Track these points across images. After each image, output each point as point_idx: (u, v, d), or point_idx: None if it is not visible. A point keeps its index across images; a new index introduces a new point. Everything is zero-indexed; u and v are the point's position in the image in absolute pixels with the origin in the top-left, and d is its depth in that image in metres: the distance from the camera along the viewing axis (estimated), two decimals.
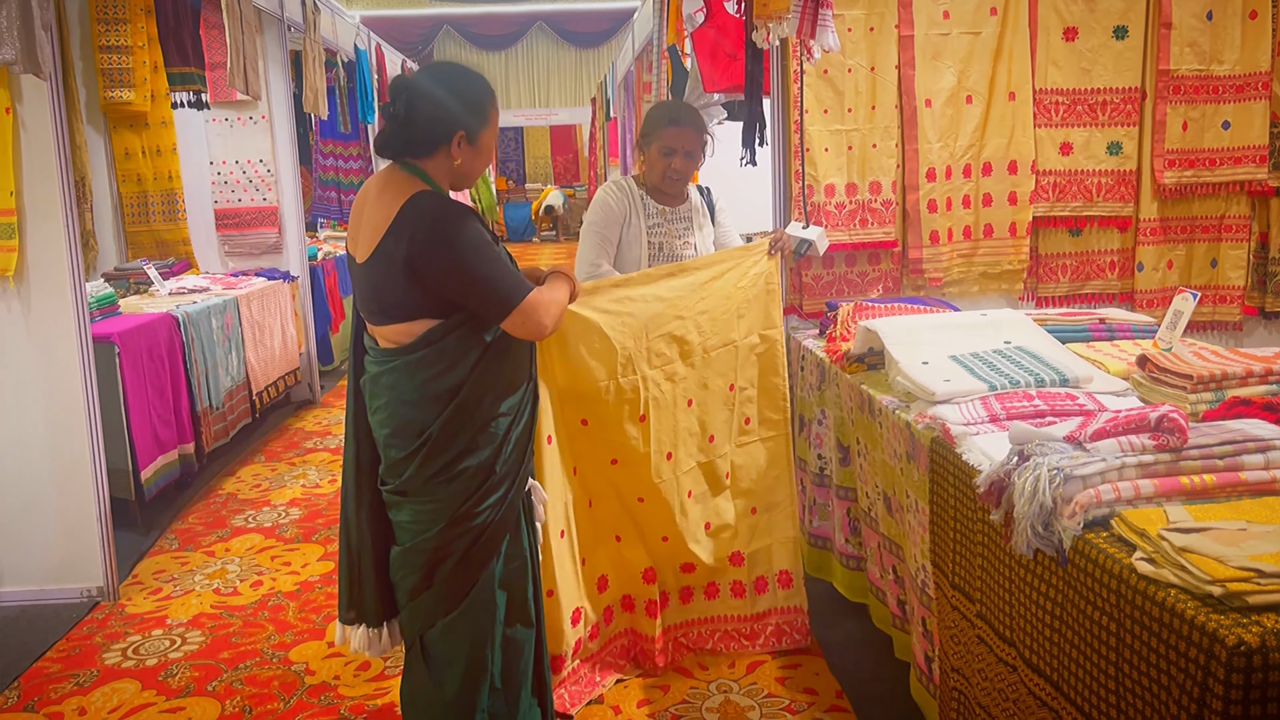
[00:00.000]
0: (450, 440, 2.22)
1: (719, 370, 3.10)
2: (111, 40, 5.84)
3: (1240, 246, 4.12)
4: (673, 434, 3.02)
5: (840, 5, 3.66)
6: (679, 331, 2.98)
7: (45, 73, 3.39)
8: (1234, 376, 2.23)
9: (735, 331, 3.11)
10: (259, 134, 6.64)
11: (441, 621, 2.30)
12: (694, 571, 3.18)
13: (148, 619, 3.62)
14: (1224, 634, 1.34)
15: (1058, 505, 1.72)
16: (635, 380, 2.90)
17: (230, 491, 5.05)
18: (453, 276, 2.16)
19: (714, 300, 3.05)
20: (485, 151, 2.30)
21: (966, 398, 2.39)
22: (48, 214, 3.62)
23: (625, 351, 2.86)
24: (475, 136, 2.25)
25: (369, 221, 2.21)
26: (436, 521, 2.25)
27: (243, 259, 6.77)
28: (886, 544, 2.80)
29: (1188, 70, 3.96)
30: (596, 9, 17.54)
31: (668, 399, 2.99)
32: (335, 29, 8.24)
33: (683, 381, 3.02)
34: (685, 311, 2.99)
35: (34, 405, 3.71)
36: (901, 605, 2.76)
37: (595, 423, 2.91)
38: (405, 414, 2.23)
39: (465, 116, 2.23)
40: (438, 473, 2.23)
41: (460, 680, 2.31)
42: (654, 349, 2.94)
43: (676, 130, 3.16)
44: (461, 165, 2.26)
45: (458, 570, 2.28)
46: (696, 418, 3.07)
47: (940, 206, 3.94)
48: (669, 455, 3.02)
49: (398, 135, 2.23)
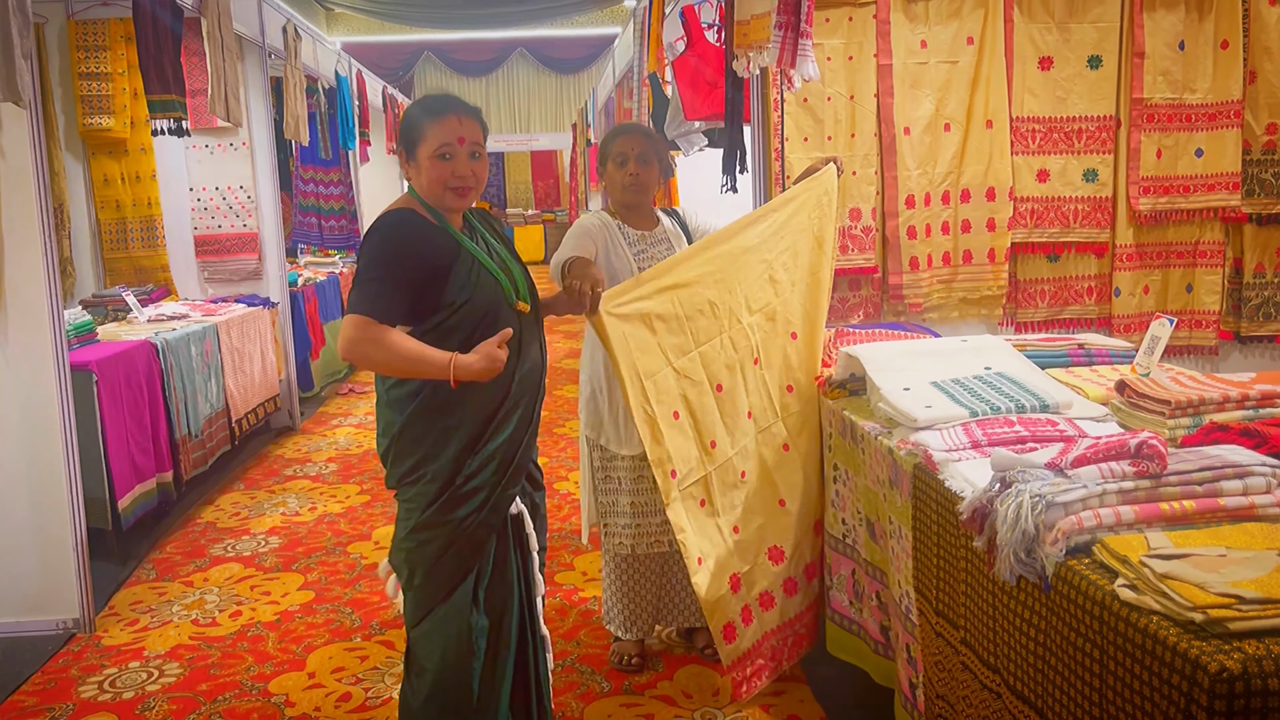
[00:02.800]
0: (413, 444, 2.33)
1: (808, 300, 3.19)
2: (91, 67, 5.84)
3: (1215, 272, 4.17)
4: (784, 368, 3.12)
5: (820, 35, 3.70)
6: (769, 272, 3.08)
7: (25, 101, 3.38)
8: (1211, 402, 2.25)
9: (815, 258, 3.19)
10: (239, 160, 6.63)
11: (419, 628, 2.38)
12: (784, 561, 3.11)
13: (125, 651, 3.57)
14: (1206, 660, 1.34)
15: (1040, 532, 1.73)
16: (742, 328, 3.02)
17: (209, 520, 5.00)
18: (357, 268, 2.32)
19: (794, 234, 3.13)
20: (428, 167, 2.33)
21: (948, 424, 2.40)
22: (26, 241, 3.59)
23: (725, 306, 2.98)
24: (412, 153, 2.37)
25: None
26: (410, 520, 2.36)
27: (222, 285, 6.74)
28: (868, 569, 2.80)
29: (1161, 99, 4.02)
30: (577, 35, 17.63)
31: (770, 335, 3.09)
32: (316, 55, 8.26)
33: (783, 316, 3.12)
34: (770, 254, 3.08)
35: (10, 433, 3.67)
36: (884, 631, 2.76)
37: (726, 386, 2.99)
38: (382, 413, 2.40)
39: (402, 139, 2.40)
40: (405, 474, 2.35)
41: (429, 689, 2.36)
42: (750, 296, 3.04)
43: (624, 138, 3.22)
44: (415, 179, 2.39)
45: (429, 578, 2.36)
46: (798, 347, 3.17)
47: (920, 233, 3.97)
48: (790, 388, 3.12)
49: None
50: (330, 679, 3.28)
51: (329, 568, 4.29)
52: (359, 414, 7.31)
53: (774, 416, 3.09)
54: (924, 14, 3.90)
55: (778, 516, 3.07)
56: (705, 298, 2.95)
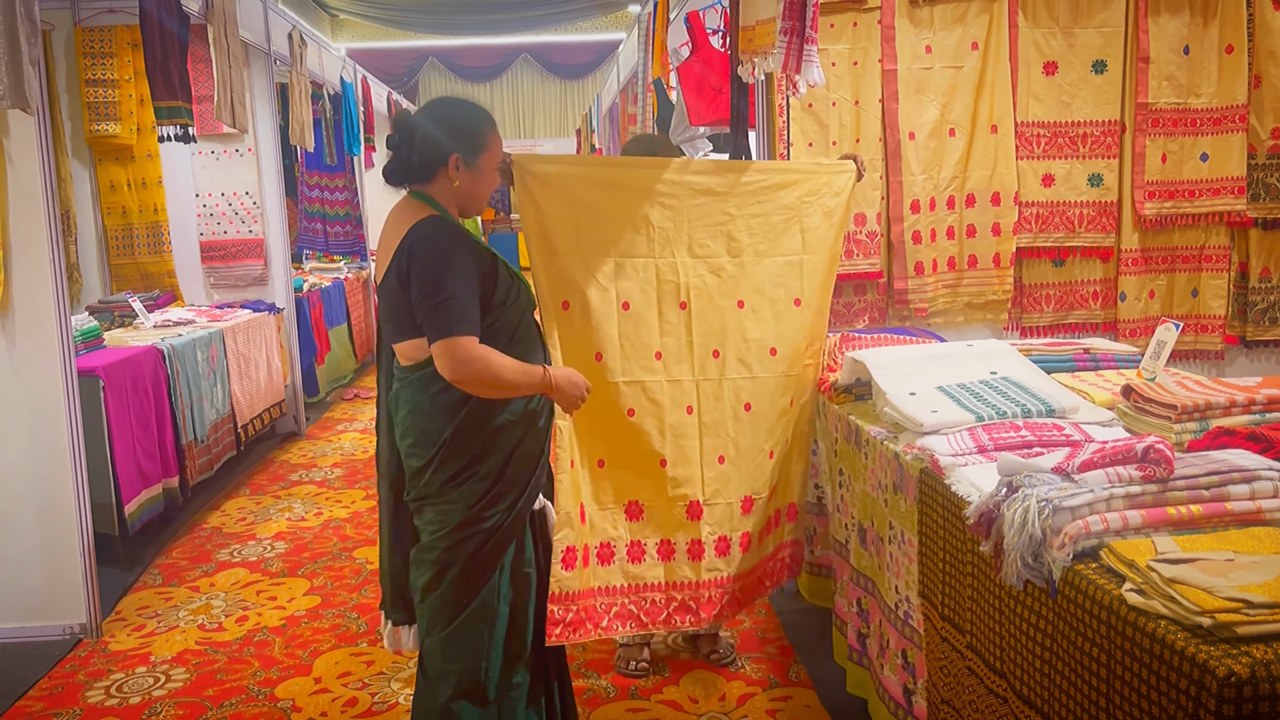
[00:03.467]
0: (463, 446, 2.33)
1: (779, 280, 3.00)
2: (97, 74, 5.86)
3: (1220, 276, 4.17)
4: (720, 331, 2.93)
5: (825, 40, 3.71)
6: (726, 226, 2.91)
7: (33, 108, 3.39)
8: (1218, 406, 2.25)
9: (797, 244, 3.01)
10: (245, 166, 6.65)
11: (442, 632, 2.38)
12: (752, 510, 3.01)
13: (131, 656, 3.57)
14: (1214, 665, 1.34)
15: (1047, 536, 1.73)
16: (674, 263, 2.85)
17: (215, 525, 5.01)
18: (416, 286, 2.25)
19: (773, 206, 2.97)
20: (485, 175, 2.43)
21: (954, 428, 2.40)
22: (33, 248, 3.61)
23: (664, 233, 2.84)
24: (472, 160, 2.38)
25: (385, 246, 2.37)
26: (450, 521, 2.35)
27: (228, 291, 6.75)
28: (854, 576, 2.80)
29: (1166, 103, 4.02)
30: (581, 41, 17.65)
31: (711, 291, 2.91)
32: (321, 62, 8.28)
33: (730, 279, 2.92)
34: (735, 209, 2.92)
35: (17, 439, 3.68)
36: (861, 638, 2.76)
37: (635, 307, 2.83)
38: (423, 424, 2.35)
39: (459, 141, 2.37)
40: (452, 477, 2.34)
41: (451, 691, 2.38)
42: (695, 238, 2.88)
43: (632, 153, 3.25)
44: (461, 187, 2.39)
45: (464, 574, 2.37)
46: (753, 323, 2.96)
47: (925, 238, 3.98)
48: (715, 353, 2.92)
49: (399, 162, 2.38)
50: (336, 684, 3.28)
51: (335, 573, 4.30)
52: (364, 419, 7.32)
53: (694, 374, 2.89)
54: (929, 19, 3.91)
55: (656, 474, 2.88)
56: (644, 214, 2.83)
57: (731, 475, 2.97)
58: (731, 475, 2.97)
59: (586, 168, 2.86)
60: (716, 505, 2.96)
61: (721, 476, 2.96)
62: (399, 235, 2.31)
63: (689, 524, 2.94)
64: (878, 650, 2.65)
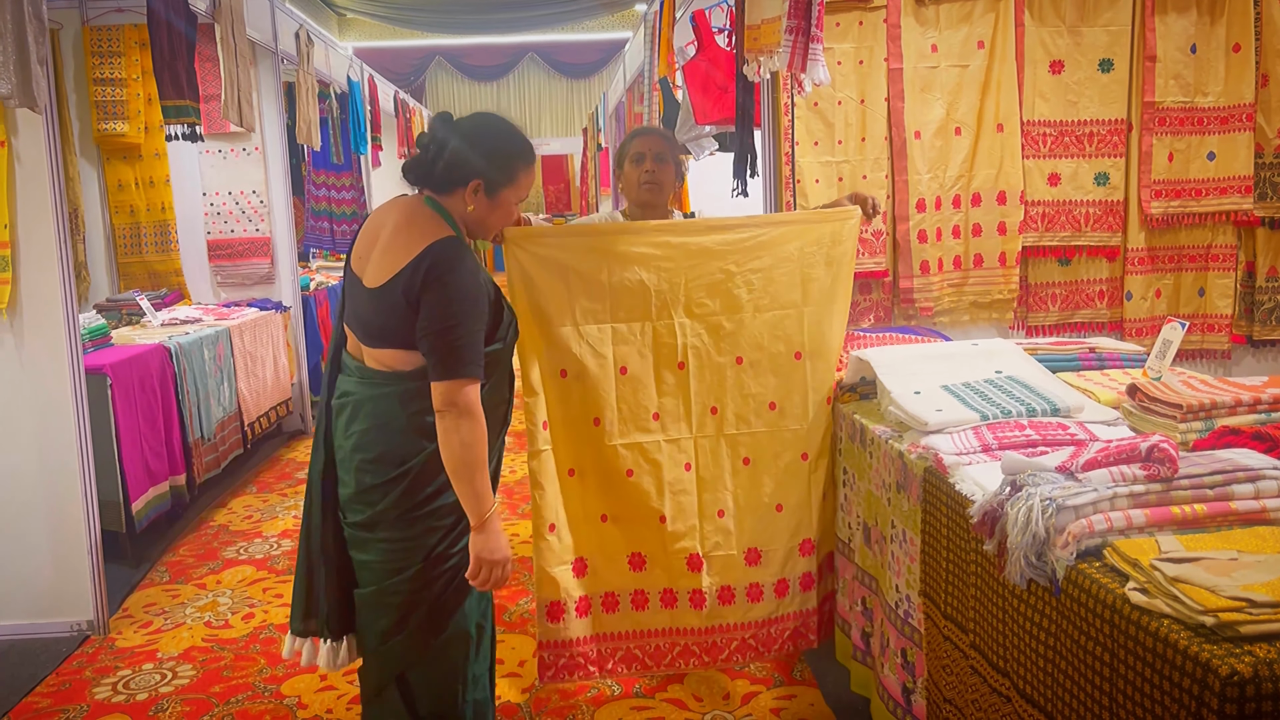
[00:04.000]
0: (432, 475, 2.22)
1: (778, 333, 2.95)
2: (105, 73, 5.88)
3: (1227, 275, 4.16)
4: (718, 388, 2.92)
5: (830, 39, 3.71)
6: (725, 284, 2.90)
7: (40, 106, 3.41)
8: (1223, 406, 2.24)
9: (798, 296, 2.96)
10: (252, 165, 6.66)
11: (421, 657, 2.32)
12: (760, 563, 2.99)
13: (138, 653, 3.59)
14: (1217, 664, 1.34)
15: (1050, 535, 1.73)
16: (671, 324, 2.87)
17: (221, 523, 5.03)
18: (429, 315, 2.15)
19: (774, 260, 2.93)
20: (503, 208, 2.33)
21: (959, 427, 2.40)
22: (42, 246, 3.62)
23: (660, 296, 2.85)
24: (494, 190, 2.28)
25: (388, 250, 2.22)
26: (411, 562, 2.25)
27: (235, 289, 6.77)
28: (861, 575, 2.80)
29: (1173, 102, 4.02)
30: (587, 40, 17.66)
31: (709, 349, 2.90)
32: (328, 61, 8.29)
33: (729, 336, 2.92)
34: (734, 266, 2.90)
35: (25, 437, 3.70)
36: (865, 638, 2.76)
37: (633, 371, 2.87)
38: (389, 441, 2.23)
39: (488, 167, 2.26)
40: (415, 506, 2.23)
41: (430, 709, 2.35)
42: (693, 298, 2.88)
43: (642, 138, 3.25)
44: (475, 213, 2.29)
45: (432, 614, 2.28)
46: (751, 379, 2.94)
47: (930, 237, 3.97)
48: (714, 410, 2.92)
49: (422, 165, 2.29)
50: (342, 681, 3.29)
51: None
52: None
53: (692, 431, 2.92)
54: (934, 18, 3.91)
55: (656, 528, 2.93)
56: (640, 277, 2.85)
57: (732, 529, 2.98)
58: (732, 529, 2.98)
59: (579, 239, 2.88)
60: (716, 557, 2.97)
61: (721, 530, 2.97)
62: (410, 243, 2.19)
63: (690, 575, 2.97)
64: (880, 649, 2.65)
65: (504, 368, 2.37)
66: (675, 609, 2.98)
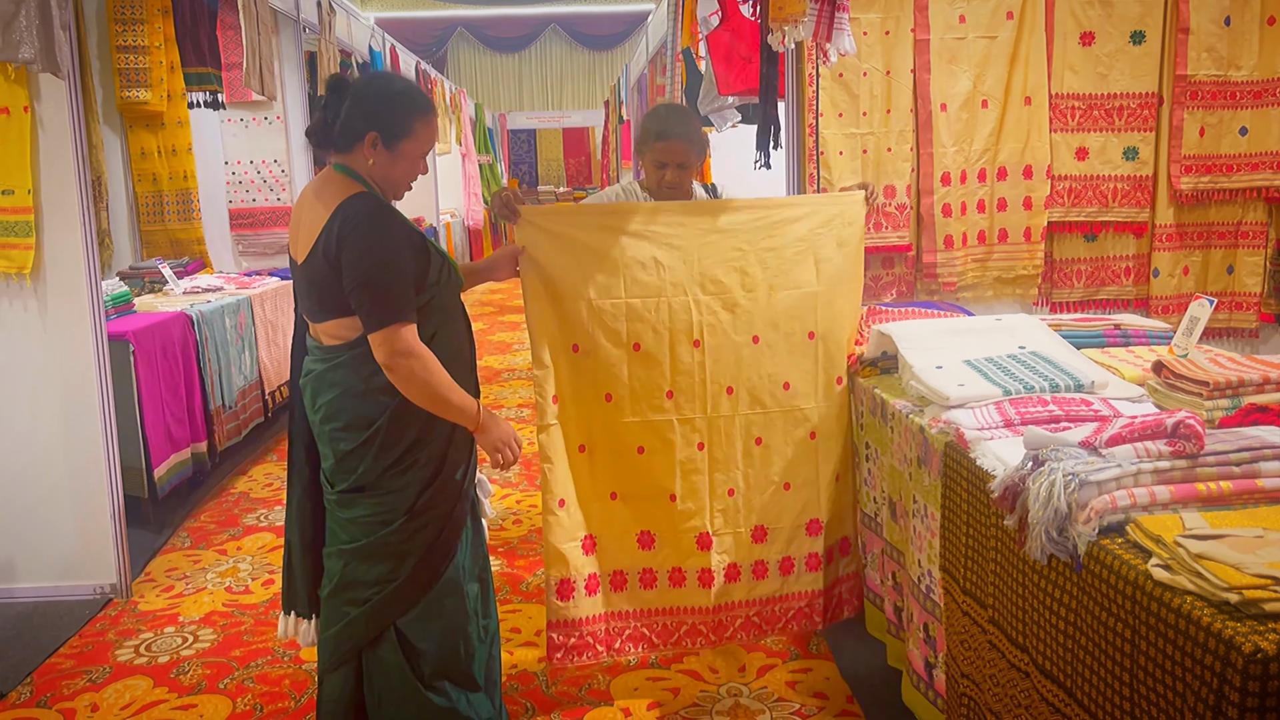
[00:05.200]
0: (401, 431, 2.27)
1: (793, 313, 2.97)
2: (129, 40, 5.88)
3: (1257, 253, 4.09)
4: (734, 368, 2.93)
5: (856, 9, 3.66)
6: (739, 263, 2.91)
7: (63, 72, 3.41)
8: (1251, 383, 2.21)
9: (811, 276, 2.98)
10: (274, 134, 6.67)
11: (413, 611, 2.34)
12: (766, 540, 3.03)
13: (160, 616, 3.63)
14: (1240, 641, 1.33)
15: (1073, 511, 1.71)
16: (687, 301, 2.87)
17: (242, 490, 5.07)
18: (350, 272, 2.18)
19: (785, 240, 2.95)
20: (407, 160, 2.32)
21: (980, 402, 2.38)
22: (65, 213, 3.64)
23: (675, 272, 2.86)
24: (391, 141, 2.28)
25: (307, 222, 2.27)
26: (395, 515, 2.29)
27: (256, 259, 6.79)
28: (889, 550, 2.79)
29: (1205, 76, 3.94)
30: (610, 11, 17.56)
31: (725, 328, 2.91)
32: (350, 30, 8.27)
33: (745, 314, 2.92)
34: (746, 245, 2.92)
35: (49, 402, 3.73)
36: (898, 612, 2.75)
37: (646, 348, 2.87)
38: (354, 406, 2.28)
39: (382, 119, 2.27)
40: (393, 464, 2.28)
41: (429, 671, 2.36)
42: (708, 274, 2.89)
43: (664, 145, 3.02)
44: (377, 167, 2.29)
45: (422, 563, 2.33)
46: (767, 358, 2.96)
47: (955, 211, 3.93)
48: (729, 390, 2.93)
49: (320, 126, 2.31)
50: None
51: None
52: None
53: (706, 411, 2.93)
54: None
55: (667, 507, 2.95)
56: (653, 254, 2.86)
57: (740, 507, 3.00)
58: (740, 507, 3.00)
59: (592, 217, 2.90)
60: (726, 535, 3.00)
61: (731, 509, 3.00)
62: (323, 210, 2.22)
63: (699, 554, 2.99)
64: (906, 623, 2.65)
65: (447, 315, 2.36)
66: (683, 588, 3.01)
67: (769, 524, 3.03)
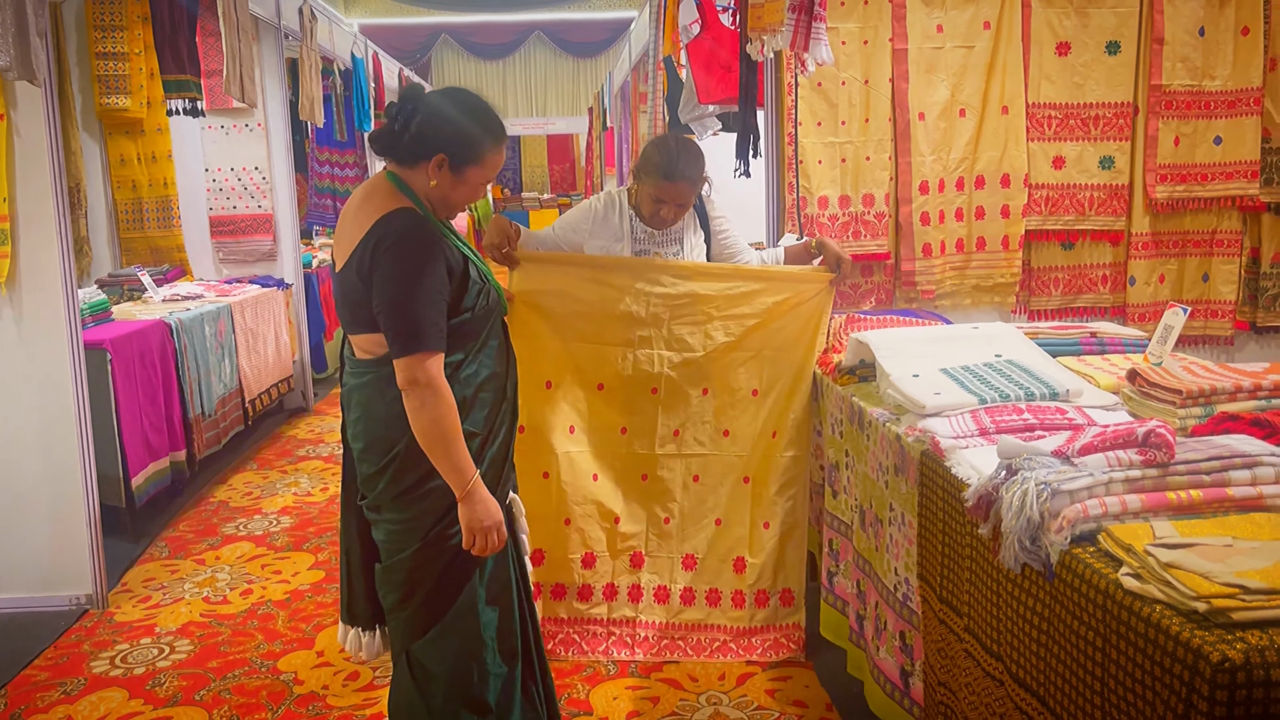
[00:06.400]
0: (419, 459, 2.18)
1: (742, 373, 3.25)
2: (108, 47, 5.85)
3: (1232, 261, 4.13)
4: (683, 414, 3.25)
5: (834, 18, 3.68)
6: (705, 325, 3.19)
7: (40, 79, 3.39)
8: (1223, 392, 2.23)
9: (768, 344, 3.24)
10: (255, 142, 6.64)
11: (422, 640, 2.30)
12: (695, 569, 3.30)
13: (136, 627, 3.60)
14: (1209, 650, 1.34)
15: (1045, 520, 1.72)
16: (652, 355, 3.19)
17: (221, 499, 5.04)
18: (380, 293, 2.12)
19: (751, 309, 3.19)
20: (468, 185, 2.25)
21: (956, 411, 2.39)
22: (41, 220, 3.62)
23: (645, 328, 3.17)
24: (459, 167, 2.21)
25: (349, 230, 2.20)
26: (410, 542, 2.24)
27: (237, 266, 6.75)
28: (855, 558, 2.80)
29: (1180, 86, 3.98)
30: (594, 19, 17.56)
31: (680, 380, 3.21)
32: (332, 37, 8.25)
33: (700, 369, 3.21)
34: (715, 310, 3.18)
35: (25, 411, 3.70)
36: (860, 620, 2.76)
37: (609, 389, 3.22)
38: (375, 430, 2.23)
39: (454, 143, 2.19)
40: (407, 490, 2.22)
41: (442, 695, 2.30)
42: (675, 334, 3.18)
43: (670, 185, 3.04)
44: (437, 189, 2.22)
45: (436, 591, 2.27)
46: (711, 408, 3.25)
47: (933, 219, 3.95)
48: (676, 432, 3.25)
49: (388, 134, 2.22)
50: (338, 658, 3.30)
51: (339, 548, 4.31)
52: None
53: (654, 449, 3.24)
54: None
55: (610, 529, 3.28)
56: (631, 310, 3.15)
57: (674, 534, 3.30)
58: (674, 534, 3.30)
59: (585, 269, 3.16)
60: (659, 558, 3.31)
61: (664, 535, 3.31)
62: (365, 220, 2.15)
63: (632, 571, 3.31)
64: (873, 632, 2.65)
65: (482, 340, 2.29)
66: (614, 601, 3.30)
67: (698, 553, 3.30)
